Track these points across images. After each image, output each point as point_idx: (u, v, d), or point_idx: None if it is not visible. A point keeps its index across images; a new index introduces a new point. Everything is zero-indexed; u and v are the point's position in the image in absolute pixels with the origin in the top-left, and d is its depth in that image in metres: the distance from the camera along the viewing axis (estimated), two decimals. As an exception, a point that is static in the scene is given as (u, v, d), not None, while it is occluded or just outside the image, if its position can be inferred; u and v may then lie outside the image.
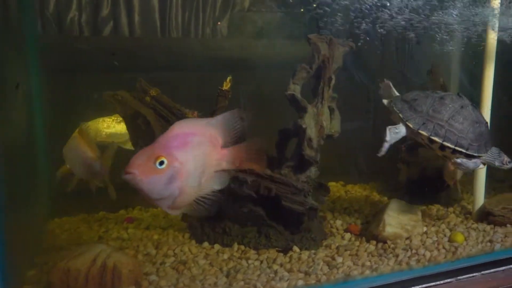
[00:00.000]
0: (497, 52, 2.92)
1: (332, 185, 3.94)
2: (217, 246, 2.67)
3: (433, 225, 2.94)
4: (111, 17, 3.36)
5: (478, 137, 2.58)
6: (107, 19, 3.35)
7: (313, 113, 2.67)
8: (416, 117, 2.59)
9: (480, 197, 3.08)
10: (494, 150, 2.67)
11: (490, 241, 2.72)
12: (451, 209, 3.27)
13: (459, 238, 2.71)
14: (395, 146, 3.58)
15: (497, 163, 2.67)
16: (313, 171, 2.70)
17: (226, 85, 2.77)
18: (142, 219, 3.14)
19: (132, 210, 3.31)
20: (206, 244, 2.69)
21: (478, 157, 2.62)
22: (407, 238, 2.71)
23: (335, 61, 2.69)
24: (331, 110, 2.80)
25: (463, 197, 3.43)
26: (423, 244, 2.66)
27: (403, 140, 3.51)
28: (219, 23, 3.66)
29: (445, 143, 2.53)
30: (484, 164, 2.70)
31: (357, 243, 2.73)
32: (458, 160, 2.59)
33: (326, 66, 2.66)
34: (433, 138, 2.55)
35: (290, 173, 2.68)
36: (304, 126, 2.58)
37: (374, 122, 3.88)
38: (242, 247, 2.66)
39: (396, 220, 2.75)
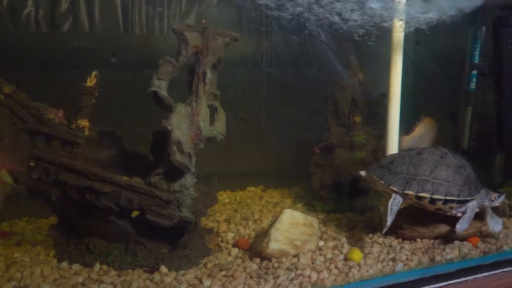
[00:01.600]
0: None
1: (250, 190, 3.62)
2: (76, 266, 2.32)
3: (334, 239, 2.60)
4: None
5: (466, 180, 2.44)
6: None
7: (187, 113, 2.32)
8: (398, 179, 2.43)
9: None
10: (482, 191, 2.51)
11: (393, 259, 2.38)
12: (362, 218, 2.94)
13: (356, 255, 2.38)
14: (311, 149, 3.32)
15: (486, 203, 2.50)
16: (188, 179, 2.36)
17: (91, 82, 2.42)
18: (21, 233, 2.79)
19: (17, 222, 2.96)
20: (65, 264, 2.35)
21: (471, 200, 2.44)
22: (294, 256, 2.38)
23: (213, 54, 2.33)
24: (214, 109, 2.45)
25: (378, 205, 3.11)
26: (312, 263, 2.33)
27: (317, 141, 3.22)
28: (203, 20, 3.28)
29: (434, 196, 2.38)
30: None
31: (240, 261, 2.39)
32: (454, 211, 2.45)
33: (200, 59, 2.30)
34: (420, 194, 2.39)
35: (161, 182, 2.34)
36: (169, 127, 2.23)
37: (301, 123, 3.54)
38: (105, 266, 2.32)
39: (284, 235, 2.41)
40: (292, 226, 2.46)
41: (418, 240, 2.54)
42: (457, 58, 3.19)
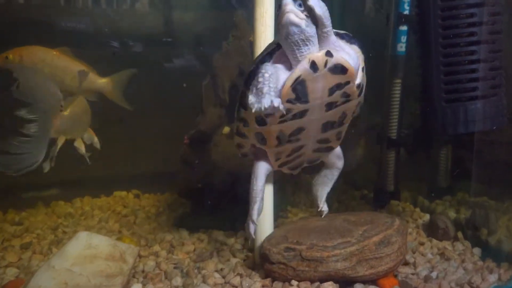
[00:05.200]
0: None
1: (118, 195, 2.68)
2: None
3: (166, 278, 1.65)
4: None
5: None
6: None
7: None
8: None
9: (263, 223, 1.80)
10: None
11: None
12: (231, 240, 1.99)
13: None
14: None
15: None
16: None
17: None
18: None
19: None
20: None
21: None
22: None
23: None
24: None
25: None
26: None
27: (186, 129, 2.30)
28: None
29: None
30: None
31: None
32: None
33: None
34: None
35: None
36: None
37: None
38: None
39: (61, 278, 1.46)
40: (85, 261, 1.51)
41: (294, 282, 1.59)
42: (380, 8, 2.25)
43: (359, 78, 1.47)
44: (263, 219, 1.79)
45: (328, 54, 1.38)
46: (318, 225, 1.74)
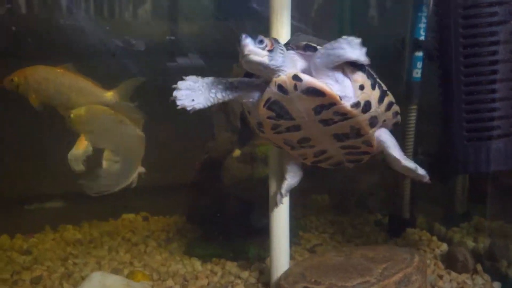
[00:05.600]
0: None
1: (127, 218, 2.64)
2: None
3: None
4: None
5: None
6: None
7: None
8: None
9: (279, 257, 1.76)
10: None
11: None
12: (246, 273, 1.95)
13: None
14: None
15: None
16: None
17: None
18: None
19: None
20: None
21: None
22: None
23: None
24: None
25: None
26: None
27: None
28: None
29: None
30: None
31: None
32: None
33: None
34: None
35: None
36: None
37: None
38: None
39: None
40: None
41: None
42: (395, 34, 2.21)
43: (356, 97, 1.40)
44: (279, 253, 1.76)
45: (296, 78, 1.33)
46: (335, 262, 1.70)
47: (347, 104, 1.36)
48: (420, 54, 2.09)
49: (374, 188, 2.55)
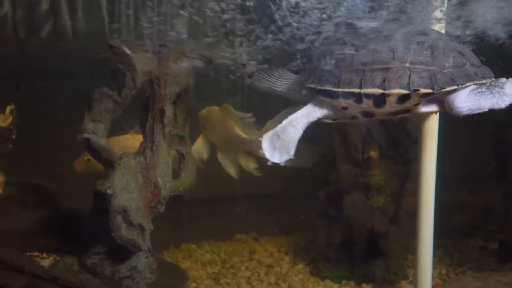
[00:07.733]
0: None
1: (240, 238, 2.90)
2: None
3: None
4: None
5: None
6: None
7: (138, 166, 1.62)
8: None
9: (424, 279, 2.03)
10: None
11: None
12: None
13: None
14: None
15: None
16: (142, 259, 1.66)
17: (4, 121, 1.72)
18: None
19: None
20: None
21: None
22: None
23: (175, 82, 1.64)
24: (180, 157, 1.76)
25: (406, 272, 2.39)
26: None
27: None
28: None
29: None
30: None
31: None
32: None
33: (155, 91, 1.60)
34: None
35: (102, 264, 1.65)
36: (109, 192, 1.53)
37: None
38: None
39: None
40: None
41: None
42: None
43: None
44: (424, 275, 2.00)
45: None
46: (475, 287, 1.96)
47: None
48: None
49: (477, 212, 2.77)
